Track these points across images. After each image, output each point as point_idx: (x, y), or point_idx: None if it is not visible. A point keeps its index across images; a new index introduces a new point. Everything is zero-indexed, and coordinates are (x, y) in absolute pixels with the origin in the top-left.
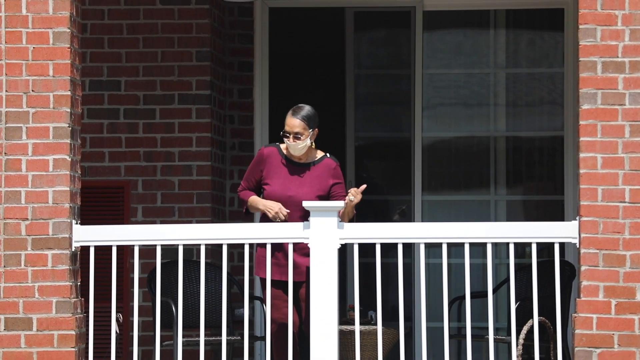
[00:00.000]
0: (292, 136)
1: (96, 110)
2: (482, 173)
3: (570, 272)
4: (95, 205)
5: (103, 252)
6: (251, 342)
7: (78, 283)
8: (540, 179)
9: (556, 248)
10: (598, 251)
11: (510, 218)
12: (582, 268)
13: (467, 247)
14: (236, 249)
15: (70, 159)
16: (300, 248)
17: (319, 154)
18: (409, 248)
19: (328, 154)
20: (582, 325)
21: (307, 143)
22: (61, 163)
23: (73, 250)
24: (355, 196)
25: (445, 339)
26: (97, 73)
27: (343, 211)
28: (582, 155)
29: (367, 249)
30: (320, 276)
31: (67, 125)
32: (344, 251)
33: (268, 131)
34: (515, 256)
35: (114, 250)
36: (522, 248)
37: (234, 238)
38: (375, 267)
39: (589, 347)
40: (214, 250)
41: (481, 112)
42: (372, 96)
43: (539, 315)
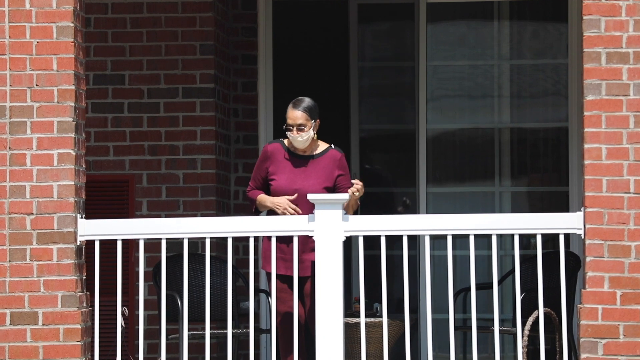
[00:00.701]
0: (296, 128)
1: (100, 104)
2: (487, 165)
3: (575, 263)
4: (100, 199)
5: (108, 246)
6: (257, 335)
7: (83, 277)
8: (544, 170)
9: (561, 239)
10: (603, 242)
11: (515, 209)
12: (587, 259)
13: (472, 239)
14: (241, 242)
15: (74, 153)
16: (305, 243)
17: (322, 145)
18: (414, 240)
19: (333, 145)
20: (588, 316)
21: (311, 134)
22: (66, 157)
23: (78, 244)
24: (359, 191)
25: (450, 331)
26: (101, 67)
27: (347, 203)
28: (587, 146)
29: (372, 241)
30: (325, 268)
31: (72, 119)
32: (349, 243)
33: (272, 124)
34: (520, 247)
35: (119, 244)
36: (527, 239)
37: (239, 231)
38: (380, 259)
39: (595, 338)
40: (219, 243)
41: (485, 104)
42: (376, 88)
43: (545, 306)
